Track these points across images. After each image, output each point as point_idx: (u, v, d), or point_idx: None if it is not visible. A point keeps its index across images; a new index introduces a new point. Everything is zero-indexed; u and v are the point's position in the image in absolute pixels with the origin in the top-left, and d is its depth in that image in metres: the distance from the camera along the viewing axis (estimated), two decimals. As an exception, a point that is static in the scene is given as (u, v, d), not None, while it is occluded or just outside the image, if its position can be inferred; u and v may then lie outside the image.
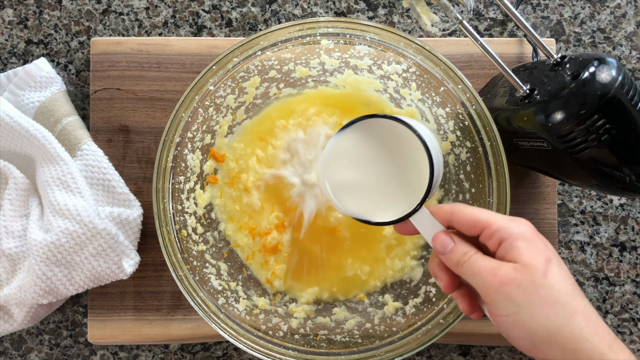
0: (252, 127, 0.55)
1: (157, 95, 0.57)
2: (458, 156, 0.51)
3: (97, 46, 0.57)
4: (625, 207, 0.58)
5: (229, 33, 0.59)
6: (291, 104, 0.55)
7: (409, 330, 0.49)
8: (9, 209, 0.54)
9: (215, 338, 0.57)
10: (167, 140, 0.47)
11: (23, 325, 0.55)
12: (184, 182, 0.51)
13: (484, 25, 0.59)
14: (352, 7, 0.59)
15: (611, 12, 0.59)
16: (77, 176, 0.53)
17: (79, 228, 0.52)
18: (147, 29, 0.59)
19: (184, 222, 0.51)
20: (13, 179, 0.54)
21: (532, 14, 0.59)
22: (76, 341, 0.58)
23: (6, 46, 0.59)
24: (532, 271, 0.36)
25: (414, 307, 0.51)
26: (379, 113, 0.45)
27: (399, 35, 0.48)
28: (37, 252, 0.51)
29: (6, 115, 0.53)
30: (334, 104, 0.55)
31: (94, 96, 0.57)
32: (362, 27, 0.48)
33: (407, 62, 0.50)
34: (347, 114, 0.55)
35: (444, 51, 0.56)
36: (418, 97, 0.52)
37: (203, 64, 0.56)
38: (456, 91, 0.48)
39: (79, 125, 0.56)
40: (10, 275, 0.54)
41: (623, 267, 0.58)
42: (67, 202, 0.52)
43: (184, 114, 0.48)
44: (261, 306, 0.53)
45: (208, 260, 0.52)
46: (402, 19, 0.59)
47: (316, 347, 0.50)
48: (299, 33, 0.48)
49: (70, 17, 0.59)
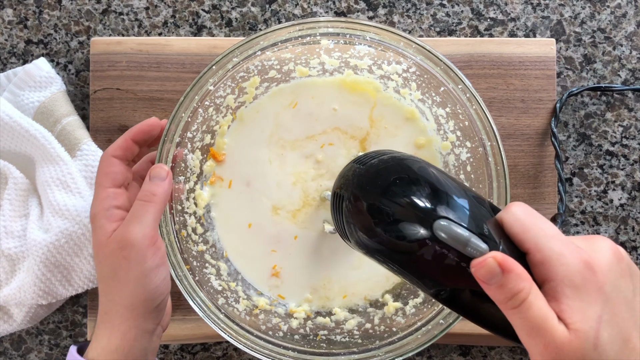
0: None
1: (157, 95, 0.57)
2: (458, 156, 0.51)
3: (97, 46, 0.56)
4: (626, 207, 0.58)
5: (228, 33, 0.59)
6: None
7: (409, 330, 0.49)
8: (9, 209, 0.53)
9: (215, 338, 0.57)
10: (166, 140, 0.47)
11: (23, 325, 0.55)
12: (184, 182, 0.51)
13: (484, 25, 0.59)
14: (352, 7, 0.59)
15: (611, 12, 0.59)
16: (77, 176, 0.53)
17: (78, 228, 0.52)
18: (146, 28, 0.59)
19: (183, 223, 0.51)
20: (13, 179, 0.54)
21: (532, 14, 0.59)
22: (76, 341, 0.58)
23: (6, 46, 0.59)
24: (583, 342, 0.30)
25: (414, 307, 0.51)
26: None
27: (399, 35, 0.48)
28: (36, 253, 0.51)
29: (6, 115, 0.53)
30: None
31: (93, 96, 0.57)
32: (362, 27, 0.48)
33: (407, 62, 0.50)
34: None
35: (444, 51, 0.56)
36: (418, 97, 0.52)
37: (203, 64, 0.56)
38: (456, 91, 0.48)
39: (79, 125, 0.56)
40: (9, 276, 0.54)
41: (623, 267, 0.58)
42: (67, 202, 0.52)
43: (183, 114, 0.48)
44: (261, 306, 0.53)
45: (208, 261, 0.52)
46: (402, 19, 0.59)
47: (316, 347, 0.50)
48: (299, 33, 0.48)
49: (70, 17, 0.59)
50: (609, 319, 0.31)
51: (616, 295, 0.31)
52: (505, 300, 0.31)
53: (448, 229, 0.32)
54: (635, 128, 0.58)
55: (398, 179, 0.35)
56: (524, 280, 0.31)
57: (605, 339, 0.30)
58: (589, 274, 0.31)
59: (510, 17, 0.59)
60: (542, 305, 0.31)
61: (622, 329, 0.31)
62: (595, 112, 0.58)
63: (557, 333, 0.30)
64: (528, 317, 0.31)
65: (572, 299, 0.31)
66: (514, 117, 0.57)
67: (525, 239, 0.33)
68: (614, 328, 0.31)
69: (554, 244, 0.32)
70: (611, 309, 0.31)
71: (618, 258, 0.32)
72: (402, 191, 0.34)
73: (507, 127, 0.57)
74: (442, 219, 0.33)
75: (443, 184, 0.35)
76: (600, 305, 0.31)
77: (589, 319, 0.30)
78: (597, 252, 0.32)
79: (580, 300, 0.31)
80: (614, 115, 0.58)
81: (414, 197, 0.34)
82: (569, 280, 0.31)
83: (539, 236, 0.32)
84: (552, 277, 0.31)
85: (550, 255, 0.31)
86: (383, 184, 0.35)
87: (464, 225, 0.33)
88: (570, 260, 0.31)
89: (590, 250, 0.32)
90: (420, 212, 0.33)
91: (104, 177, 0.43)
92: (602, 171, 0.58)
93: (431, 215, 0.33)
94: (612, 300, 0.31)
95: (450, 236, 0.32)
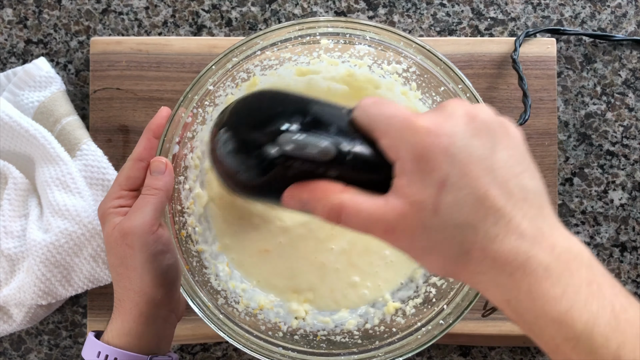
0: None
1: (157, 95, 0.57)
2: (458, 156, 0.51)
3: (97, 46, 0.56)
4: (626, 207, 0.58)
5: (228, 33, 0.59)
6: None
7: (409, 330, 0.49)
8: (8, 209, 0.53)
9: (215, 339, 0.56)
10: (166, 140, 0.47)
11: (22, 325, 0.55)
12: (184, 182, 0.51)
13: (484, 25, 0.59)
14: (352, 6, 0.59)
15: (612, 12, 0.59)
16: (77, 176, 0.53)
17: (78, 229, 0.52)
18: (146, 28, 0.59)
19: (183, 223, 0.50)
20: (12, 179, 0.54)
21: (533, 14, 0.59)
22: (76, 342, 0.58)
23: (5, 46, 0.59)
24: (419, 210, 0.29)
25: (414, 307, 0.51)
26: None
27: (399, 34, 0.48)
28: (36, 253, 0.51)
29: (5, 115, 0.53)
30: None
31: (93, 96, 0.57)
32: (362, 27, 0.48)
33: (407, 62, 0.50)
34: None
35: (444, 51, 0.56)
36: (418, 96, 0.52)
37: (203, 63, 0.56)
38: (456, 91, 0.48)
39: (79, 125, 0.56)
40: (9, 276, 0.54)
41: (624, 268, 0.58)
42: (67, 203, 0.52)
43: (183, 114, 0.48)
44: (261, 306, 0.52)
45: (208, 261, 0.52)
46: (402, 19, 0.59)
47: (316, 347, 0.50)
48: (299, 32, 0.48)
49: (69, 17, 0.59)
50: (457, 181, 0.29)
51: (466, 156, 0.29)
52: (329, 220, 0.32)
53: (286, 137, 0.32)
54: (635, 128, 0.58)
55: (241, 111, 0.36)
56: (326, 196, 0.31)
57: (449, 201, 0.29)
58: (430, 141, 0.29)
59: (510, 16, 0.59)
60: (358, 201, 0.31)
61: (474, 189, 0.29)
62: (596, 112, 0.58)
63: (387, 216, 0.30)
64: (357, 220, 0.31)
65: (412, 172, 0.30)
66: (514, 117, 0.57)
67: (372, 128, 0.32)
68: (462, 189, 0.29)
69: (396, 123, 0.31)
70: (460, 170, 0.29)
71: (470, 117, 0.31)
72: (253, 118, 0.35)
73: (508, 127, 0.57)
74: (284, 133, 0.33)
75: (284, 102, 0.35)
76: (446, 170, 0.29)
77: (428, 186, 0.29)
78: (446, 117, 0.31)
79: (420, 171, 0.29)
80: (615, 115, 0.58)
81: (262, 121, 0.34)
82: (410, 154, 0.30)
83: (381, 121, 0.31)
84: (398, 156, 0.30)
85: (393, 136, 0.31)
86: (229, 120, 0.36)
87: (305, 131, 0.33)
88: (411, 133, 0.30)
89: (438, 117, 0.31)
90: (268, 131, 0.33)
91: (125, 179, 0.45)
92: (602, 171, 0.58)
93: (277, 131, 0.33)
94: (460, 161, 0.29)
95: (292, 143, 0.32)
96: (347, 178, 0.32)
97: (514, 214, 0.29)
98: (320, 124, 0.33)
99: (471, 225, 0.29)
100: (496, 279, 0.29)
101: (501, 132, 0.31)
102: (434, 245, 0.30)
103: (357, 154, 0.32)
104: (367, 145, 0.33)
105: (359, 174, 0.33)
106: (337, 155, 0.32)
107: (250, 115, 0.35)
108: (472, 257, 0.29)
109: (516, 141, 0.31)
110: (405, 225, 0.30)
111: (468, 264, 0.30)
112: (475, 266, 0.29)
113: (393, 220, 0.30)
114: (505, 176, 0.29)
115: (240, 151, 0.34)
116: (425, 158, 0.29)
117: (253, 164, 0.34)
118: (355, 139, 0.33)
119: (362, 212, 0.31)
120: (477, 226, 0.29)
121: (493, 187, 0.29)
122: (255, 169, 0.34)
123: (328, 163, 0.32)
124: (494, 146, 0.30)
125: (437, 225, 0.29)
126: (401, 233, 0.30)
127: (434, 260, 0.31)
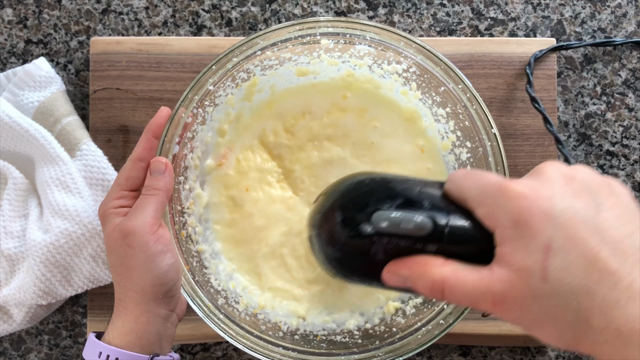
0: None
1: (157, 95, 0.56)
2: (458, 156, 0.51)
3: (97, 46, 0.56)
4: (626, 207, 0.58)
5: (228, 33, 0.59)
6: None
7: (409, 330, 0.49)
8: (8, 209, 0.53)
9: (215, 338, 0.57)
10: (166, 140, 0.47)
11: (22, 325, 0.55)
12: (184, 182, 0.51)
13: (484, 25, 0.59)
14: (353, 6, 0.59)
15: (612, 12, 0.59)
16: (77, 176, 0.53)
17: (78, 229, 0.52)
18: (146, 28, 0.59)
19: (183, 223, 0.50)
20: (12, 179, 0.54)
21: (533, 14, 0.59)
22: (76, 341, 0.58)
23: (5, 46, 0.59)
24: (527, 278, 0.28)
25: (414, 307, 0.51)
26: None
27: (399, 34, 0.48)
28: (36, 253, 0.51)
29: (5, 115, 0.53)
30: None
31: (93, 96, 0.57)
32: (362, 27, 0.48)
33: (407, 62, 0.50)
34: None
35: (445, 51, 0.56)
36: (418, 96, 0.52)
37: (203, 63, 0.56)
38: (456, 91, 0.48)
39: (79, 125, 0.56)
40: (9, 276, 0.54)
41: (624, 268, 0.58)
42: (67, 203, 0.52)
43: (183, 114, 0.48)
44: (261, 306, 0.52)
45: (208, 261, 0.52)
46: (402, 19, 0.59)
47: (316, 347, 0.50)
48: (299, 32, 0.48)
49: (69, 17, 0.59)
50: (563, 244, 0.28)
51: (570, 217, 0.28)
52: (431, 295, 0.31)
53: (380, 216, 0.33)
54: (635, 128, 0.58)
55: (340, 199, 0.38)
56: (427, 271, 0.31)
57: (558, 266, 0.27)
58: (527, 204, 0.28)
59: (510, 16, 0.59)
60: (461, 274, 0.30)
61: (582, 251, 0.27)
62: (596, 112, 0.58)
63: (495, 287, 0.29)
64: (462, 294, 0.30)
65: (514, 239, 0.28)
66: (514, 117, 0.57)
67: (465, 198, 0.32)
68: (569, 252, 0.27)
69: (490, 191, 0.30)
70: (564, 233, 0.28)
71: (568, 178, 0.29)
72: (345, 205, 0.37)
73: (507, 127, 0.57)
74: (377, 211, 0.34)
75: (381, 184, 0.36)
76: (549, 233, 0.28)
77: (533, 252, 0.28)
78: (541, 180, 0.30)
79: (521, 237, 0.28)
80: (614, 115, 0.58)
81: (354, 206, 0.36)
82: (509, 220, 0.29)
83: (475, 190, 0.31)
84: (496, 224, 0.29)
85: (489, 204, 0.30)
86: (331, 205, 0.38)
87: (399, 209, 0.33)
88: (507, 199, 0.29)
89: (533, 181, 0.30)
90: (362, 213, 0.35)
91: (125, 180, 0.45)
92: (602, 171, 0.58)
93: (370, 212, 0.34)
94: (563, 223, 0.28)
95: (386, 221, 0.33)
96: (446, 251, 0.32)
97: (633, 277, 0.27)
98: (413, 202, 0.34)
99: (586, 290, 0.27)
100: (624, 352, 0.27)
101: (605, 191, 0.30)
102: (548, 314, 0.28)
103: (454, 226, 0.32)
104: (463, 217, 0.32)
105: (458, 246, 0.32)
106: (434, 229, 0.32)
107: (350, 201, 0.37)
108: (591, 326, 0.27)
109: (623, 199, 0.30)
110: (514, 294, 0.28)
111: (588, 332, 0.28)
112: (598, 336, 0.27)
113: (501, 291, 0.29)
114: (616, 236, 0.28)
115: (340, 237, 0.36)
116: (525, 223, 0.28)
117: (351, 245, 0.35)
118: (451, 211, 0.33)
119: (466, 285, 0.30)
120: (593, 290, 0.27)
121: (603, 248, 0.28)
122: (353, 249, 0.35)
123: (425, 238, 0.32)
124: (598, 206, 0.29)
125: (548, 293, 0.28)
126: (512, 304, 0.29)
127: (550, 331, 0.29)
